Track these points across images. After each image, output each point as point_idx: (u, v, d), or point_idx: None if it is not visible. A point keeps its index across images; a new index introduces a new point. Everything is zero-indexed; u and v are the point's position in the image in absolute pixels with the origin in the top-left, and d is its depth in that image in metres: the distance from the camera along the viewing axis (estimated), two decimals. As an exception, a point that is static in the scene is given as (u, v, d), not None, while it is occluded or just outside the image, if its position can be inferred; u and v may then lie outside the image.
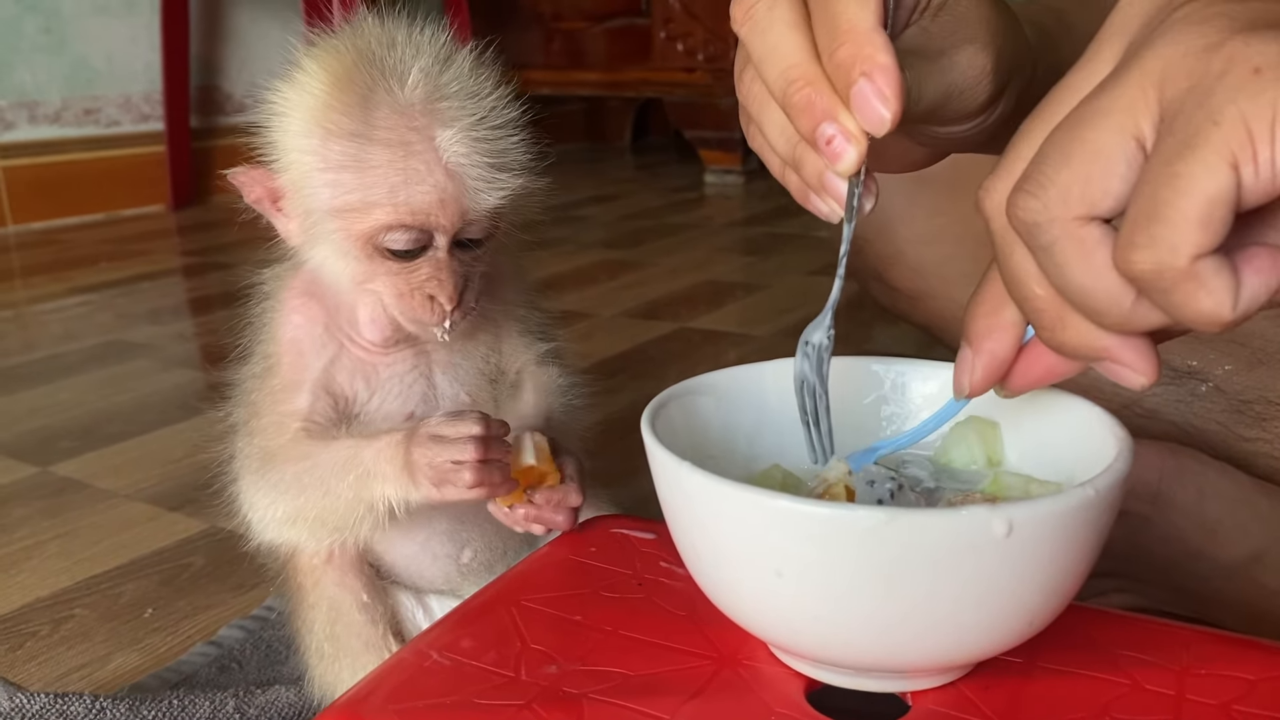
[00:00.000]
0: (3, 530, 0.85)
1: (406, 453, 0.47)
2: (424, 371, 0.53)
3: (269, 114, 0.49)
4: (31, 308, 1.60)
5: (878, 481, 0.37)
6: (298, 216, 0.50)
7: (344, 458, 0.49)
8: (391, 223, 0.47)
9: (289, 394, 0.51)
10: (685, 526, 0.36)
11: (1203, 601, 0.63)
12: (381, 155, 0.46)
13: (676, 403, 0.42)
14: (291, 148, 0.48)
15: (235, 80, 2.52)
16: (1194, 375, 0.65)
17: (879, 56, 0.33)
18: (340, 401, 0.52)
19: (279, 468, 0.50)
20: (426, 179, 0.46)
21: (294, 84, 0.48)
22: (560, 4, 2.84)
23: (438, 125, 0.46)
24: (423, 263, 0.48)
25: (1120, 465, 0.33)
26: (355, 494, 0.48)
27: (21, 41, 2.14)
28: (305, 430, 0.50)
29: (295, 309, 0.52)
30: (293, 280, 0.53)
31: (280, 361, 0.52)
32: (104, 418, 1.09)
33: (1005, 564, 0.31)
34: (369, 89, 0.46)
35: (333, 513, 0.49)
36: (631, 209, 2.32)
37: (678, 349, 1.30)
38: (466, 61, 0.49)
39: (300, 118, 0.48)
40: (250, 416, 0.52)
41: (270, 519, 0.51)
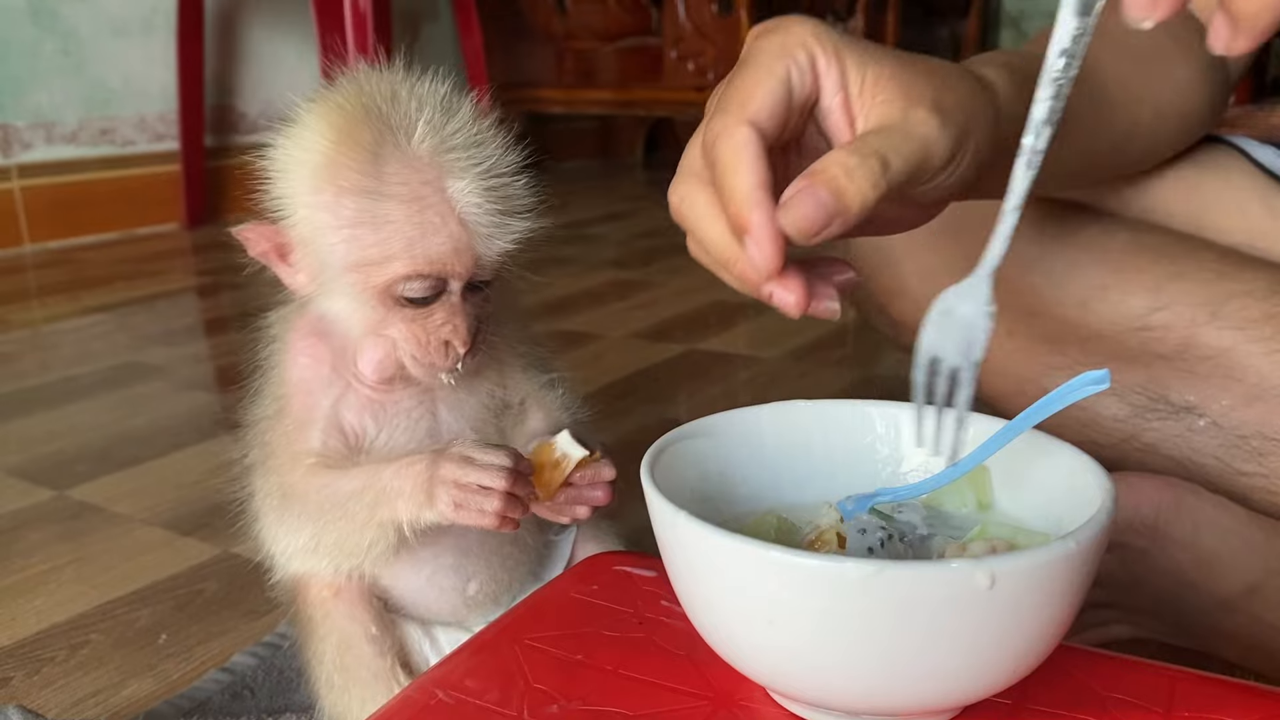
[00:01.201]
0: (20, 555, 0.86)
1: (431, 469, 0.49)
2: (429, 408, 0.54)
3: (274, 169, 0.50)
4: (47, 327, 1.62)
5: (869, 530, 0.38)
6: (308, 269, 0.51)
7: (362, 480, 0.50)
8: (409, 274, 0.48)
9: (301, 432, 0.52)
10: (682, 572, 0.37)
11: (1201, 633, 0.63)
12: (397, 210, 0.47)
13: (675, 447, 0.43)
14: (301, 204, 0.49)
15: (249, 100, 2.54)
16: (1191, 410, 0.66)
17: (752, 216, 0.39)
18: (350, 438, 0.53)
19: (298, 499, 0.52)
20: (442, 230, 0.48)
21: (298, 140, 0.49)
22: (572, 24, 2.86)
23: (448, 177, 0.48)
24: (437, 308, 0.50)
25: (1102, 517, 0.34)
26: (371, 514, 0.50)
27: (40, 63, 2.17)
28: (320, 464, 0.52)
29: (302, 350, 0.53)
30: (298, 322, 0.54)
31: (291, 402, 0.53)
32: (119, 441, 1.11)
33: (990, 614, 0.32)
34: (377, 144, 0.48)
35: (350, 536, 0.51)
36: (642, 227, 2.34)
37: (687, 371, 1.31)
38: (469, 110, 0.50)
39: (308, 174, 0.49)
40: (266, 456, 0.54)
41: (293, 550, 0.53)
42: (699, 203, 0.43)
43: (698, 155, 0.43)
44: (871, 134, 0.41)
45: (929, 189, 0.44)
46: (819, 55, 0.43)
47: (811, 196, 0.39)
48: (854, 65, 0.43)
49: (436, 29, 2.95)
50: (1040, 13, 3.93)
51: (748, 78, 0.43)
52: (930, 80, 0.43)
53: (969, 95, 0.45)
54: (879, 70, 0.43)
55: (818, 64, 0.43)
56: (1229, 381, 0.65)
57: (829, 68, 0.43)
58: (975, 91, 0.46)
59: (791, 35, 0.43)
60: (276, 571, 0.56)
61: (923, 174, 0.42)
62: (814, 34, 0.43)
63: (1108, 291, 0.70)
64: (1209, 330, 0.66)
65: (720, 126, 0.42)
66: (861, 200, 0.39)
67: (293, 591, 0.56)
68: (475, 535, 0.55)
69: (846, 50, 0.43)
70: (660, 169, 3.30)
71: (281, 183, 0.50)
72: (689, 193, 0.43)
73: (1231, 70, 0.71)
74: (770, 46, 0.43)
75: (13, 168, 2.15)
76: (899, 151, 0.40)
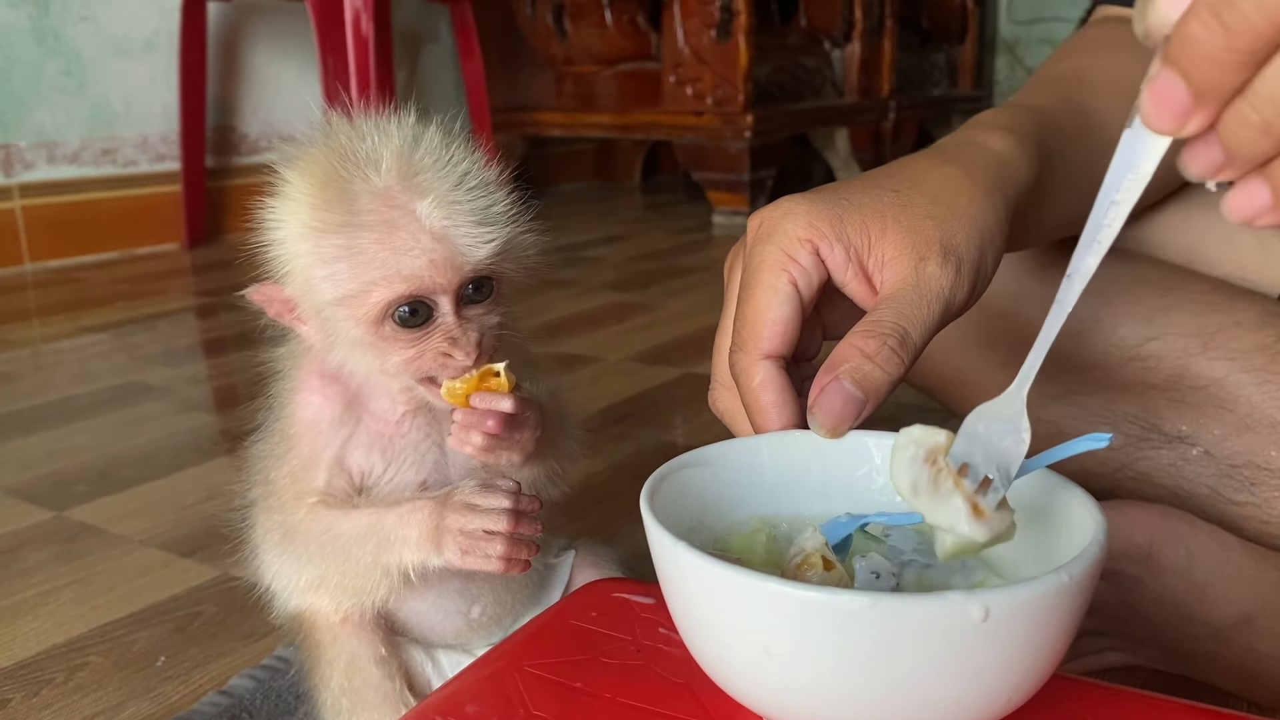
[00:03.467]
0: (19, 576, 0.86)
1: (436, 518, 0.50)
2: (436, 440, 0.55)
3: (266, 229, 0.52)
4: (47, 346, 1.62)
5: (882, 575, 0.39)
6: (311, 319, 0.52)
7: (365, 525, 0.51)
8: (391, 298, 0.48)
9: (307, 472, 0.53)
10: (680, 601, 0.38)
11: (1195, 662, 0.64)
12: (368, 239, 0.48)
13: (675, 476, 0.43)
14: (291, 255, 0.50)
15: (251, 121, 2.56)
16: (1184, 440, 0.67)
17: (750, 379, 0.45)
18: (356, 476, 0.54)
19: (300, 539, 0.52)
20: (414, 248, 0.48)
21: (281, 197, 0.51)
22: (572, 48, 2.88)
23: (416, 198, 0.49)
24: (434, 329, 0.50)
25: (1095, 550, 0.35)
26: (375, 559, 0.51)
27: (43, 84, 2.19)
28: (323, 504, 0.52)
29: (313, 389, 0.54)
30: (309, 362, 0.55)
31: (298, 441, 0.54)
32: (119, 462, 1.11)
33: (983, 646, 0.33)
34: (347, 181, 0.49)
35: (353, 578, 0.52)
36: (640, 250, 2.35)
37: (684, 395, 1.32)
38: (437, 135, 0.51)
39: (292, 226, 0.50)
40: (269, 494, 0.54)
41: (294, 587, 0.54)
42: (738, 416, 0.48)
43: (726, 368, 0.47)
44: (885, 306, 0.43)
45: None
46: (820, 243, 0.45)
47: (838, 393, 0.41)
48: (857, 234, 0.45)
49: (437, 51, 2.97)
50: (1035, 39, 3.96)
51: (757, 302, 0.45)
52: (934, 218, 0.44)
53: (979, 213, 0.46)
54: (881, 227, 0.45)
55: (821, 251, 0.45)
56: (1221, 411, 0.66)
57: (833, 250, 0.45)
58: (984, 199, 0.47)
59: (788, 237, 0.45)
60: (275, 604, 0.56)
61: (945, 323, 0.44)
62: (809, 224, 0.45)
63: (1100, 322, 0.71)
64: (1201, 360, 0.67)
65: (739, 366, 0.45)
66: (889, 380, 0.41)
67: (298, 615, 0.56)
68: None
69: (846, 222, 0.45)
70: (658, 192, 3.32)
71: (274, 241, 0.51)
72: (726, 408, 0.49)
73: None
74: (770, 259, 0.45)
75: (14, 187, 2.16)
76: (916, 319, 0.42)
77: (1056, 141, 0.55)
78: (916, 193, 0.46)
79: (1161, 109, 0.28)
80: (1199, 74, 0.26)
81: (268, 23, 2.54)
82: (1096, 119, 0.61)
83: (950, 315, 0.44)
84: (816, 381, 0.41)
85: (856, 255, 0.45)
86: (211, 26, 2.37)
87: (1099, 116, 0.61)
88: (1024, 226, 0.54)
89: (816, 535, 0.39)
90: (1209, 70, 0.26)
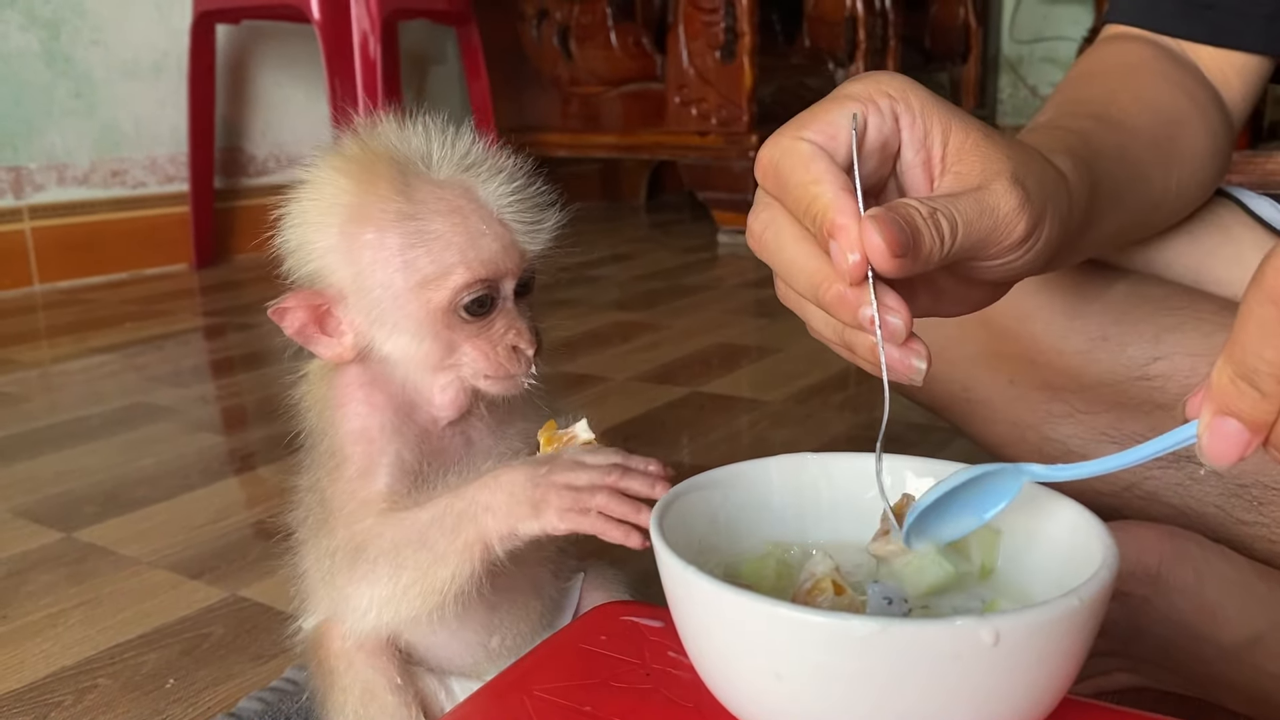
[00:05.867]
0: (28, 597, 0.87)
1: (533, 479, 0.47)
2: (472, 461, 0.54)
3: (298, 236, 0.51)
4: (55, 367, 1.63)
5: (894, 600, 0.39)
6: (357, 323, 0.51)
7: (442, 506, 0.49)
8: (469, 281, 0.49)
9: (366, 479, 0.51)
10: (690, 625, 0.38)
11: (1204, 683, 0.64)
12: (441, 225, 0.49)
13: (684, 499, 0.44)
14: (339, 257, 0.50)
15: (259, 143, 2.58)
16: (1191, 459, 0.67)
17: (837, 219, 0.38)
18: (411, 479, 0.52)
19: (372, 543, 0.50)
20: (487, 233, 0.50)
21: (318, 199, 0.51)
22: (577, 69, 2.90)
23: (477, 186, 0.50)
24: (496, 317, 0.51)
25: (1105, 574, 0.35)
26: (454, 538, 0.48)
27: (53, 106, 2.20)
28: (389, 507, 0.51)
29: (358, 400, 0.53)
30: (345, 377, 0.53)
31: (350, 453, 0.52)
32: (127, 483, 1.12)
33: (994, 670, 0.33)
34: (401, 176, 0.49)
35: (430, 570, 0.49)
36: (646, 269, 2.35)
37: (689, 415, 1.32)
38: (469, 131, 0.52)
39: (339, 225, 0.50)
40: (329, 514, 0.52)
41: (370, 602, 0.50)
42: (783, 227, 0.41)
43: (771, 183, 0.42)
44: (945, 197, 0.41)
45: (998, 266, 0.44)
46: (902, 110, 0.43)
47: (894, 220, 0.38)
48: (939, 127, 0.43)
49: (444, 73, 2.99)
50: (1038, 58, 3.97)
51: (817, 108, 0.42)
52: (1012, 157, 0.43)
53: (1049, 180, 0.46)
54: (964, 137, 0.43)
55: (901, 117, 0.43)
56: (1229, 431, 0.66)
57: (913, 124, 0.43)
58: (1055, 178, 0.47)
59: (878, 85, 0.43)
60: (296, 622, 0.56)
61: (990, 247, 0.42)
62: (901, 88, 0.43)
63: (1108, 341, 0.71)
64: (1208, 380, 0.67)
65: (777, 149, 0.41)
66: (930, 246, 0.39)
67: (313, 642, 0.56)
68: (504, 590, 0.55)
69: (933, 111, 0.43)
70: (663, 211, 3.32)
71: (310, 245, 0.51)
72: (772, 218, 0.42)
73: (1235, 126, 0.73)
74: (853, 90, 0.43)
75: (24, 208, 2.17)
76: (969, 222, 0.40)
77: (1102, 167, 0.55)
78: (999, 136, 0.44)
79: (1223, 444, 0.33)
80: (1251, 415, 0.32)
81: (276, 45, 2.56)
82: (1130, 151, 0.61)
83: (996, 240, 0.42)
84: (872, 210, 0.38)
85: (929, 148, 0.43)
86: (220, 49, 2.39)
87: (1132, 149, 0.61)
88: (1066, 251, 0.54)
89: (827, 560, 0.39)
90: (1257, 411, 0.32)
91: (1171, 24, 0.71)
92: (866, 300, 0.39)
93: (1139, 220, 0.65)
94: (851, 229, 0.38)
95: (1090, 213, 0.53)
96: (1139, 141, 0.62)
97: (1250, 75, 0.72)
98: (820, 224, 0.39)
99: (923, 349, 0.40)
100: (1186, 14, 0.71)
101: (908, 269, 0.38)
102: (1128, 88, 0.67)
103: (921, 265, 0.39)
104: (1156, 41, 0.72)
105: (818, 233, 0.39)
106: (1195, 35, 0.71)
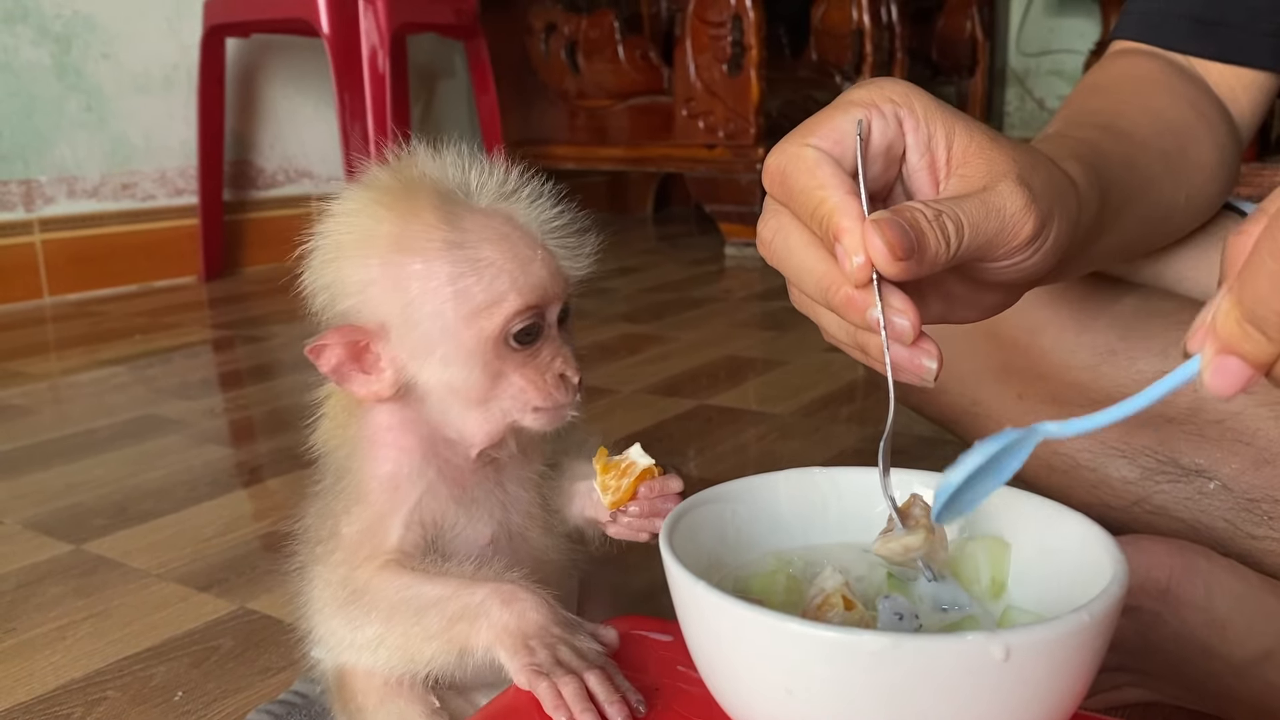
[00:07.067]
0: (38, 609, 0.87)
1: (538, 626, 0.47)
2: (500, 493, 0.54)
3: (334, 272, 0.50)
4: (65, 380, 1.63)
5: (905, 616, 0.39)
6: (395, 361, 0.50)
7: (451, 590, 0.49)
8: (520, 308, 0.49)
9: (381, 527, 0.51)
10: (699, 640, 0.38)
11: (1214, 698, 0.63)
12: (491, 252, 0.49)
13: (693, 513, 0.44)
14: (383, 288, 0.49)
15: (267, 156, 2.59)
16: (1201, 473, 0.67)
17: (842, 222, 0.38)
18: (430, 529, 0.52)
19: (370, 598, 0.50)
20: (534, 259, 0.50)
21: (354, 234, 0.50)
22: (585, 83, 2.91)
23: (518, 213, 0.50)
24: (542, 345, 0.51)
25: (1115, 590, 0.35)
26: (447, 627, 0.48)
27: (64, 119, 2.22)
28: (396, 562, 0.50)
29: (389, 443, 0.52)
30: (375, 416, 0.52)
31: (372, 497, 0.51)
32: (136, 495, 1.12)
33: (1005, 686, 0.33)
34: (442, 207, 0.49)
35: (415, 643, 0.49)
36: (653, 281, 2.36)
37: (696, 428, 1.32)
38: (498, 161, 0.52)
39: (380, 257, 0.49)
40: (334, 550, 0.52)
41: (350, 643, 0.51)
42: (791, 233, 0.42)
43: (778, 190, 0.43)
44: (950, 199, 0.41)
45: (1007, 268, 0.44)
46: (906, 115, 0.43)
47: (898, 223, 0.38)
48: (942, 131, 0.43)
49: (452, 86, 3.01)
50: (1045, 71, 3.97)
51: (822, 115, 0.43)
52: (1018, 159, 0.43)
53: (1056, 181, 0.46)
54: (968, 141, 0.43)
55: (905, 122, 0.43)
56: (1238, 445, 0.66)
57: (917, 128, 0.43)
58: (1062, 180, 0.47)
59: (882, 91, 0.43)
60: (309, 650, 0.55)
61: (997, 247, 0.42)
62: (905, 93, 0.43)
63: (1116, 356, 0.71)
64: (1217, 394, 0.67)
65: (784, 156, 0.41)
66: (936, 247, 0.39)
67: (337, 676, 0.55)
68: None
69: (937, 115, 0.43)
70: (670, 224, 3.33)
71: (346, 280, 0.50)
72: (780, 224, 0.43)
73: (1243, 141, 0.73)
74: (857, 96, 0.43)
75: (34, 221, 2.18)
76: (974, 224, 0.40)
77: (1111, 176, 0.55)
78: (1005, 139, 0.44)
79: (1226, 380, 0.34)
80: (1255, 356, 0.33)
81: (285, 59, 2.57)
82: (1139, 161, 0.61)
83: (1003, 241, 0.42)
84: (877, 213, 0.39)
85: (933, 151, 0.43)
86: (230, 62, 2.40)
87: (1140, 159, 0.61)
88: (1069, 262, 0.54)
89: (836, 575, 0.39)
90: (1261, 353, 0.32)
91: (1179, 41, 0.71)
92: (874, 302, 0.39)
93: (1150, 231, 0.65)
94: (856, 231, 0.38)
95: (1100, 219, 0.53)
96: (1147, 152, 0.62)
97: (1258, 91, 0.72)
98: (826, 227, 0.40)
99: (933, 348, 0.40)
100: (1194, 31, 0.71)
101: (913, 271, 0.39)
102: (1135, 100, 0.67)
103: (928, 267, 0.39)
104: (1164, 57, 0.72)
105: (824, 236, 0.40)
106: (1203, 52, 0.71)
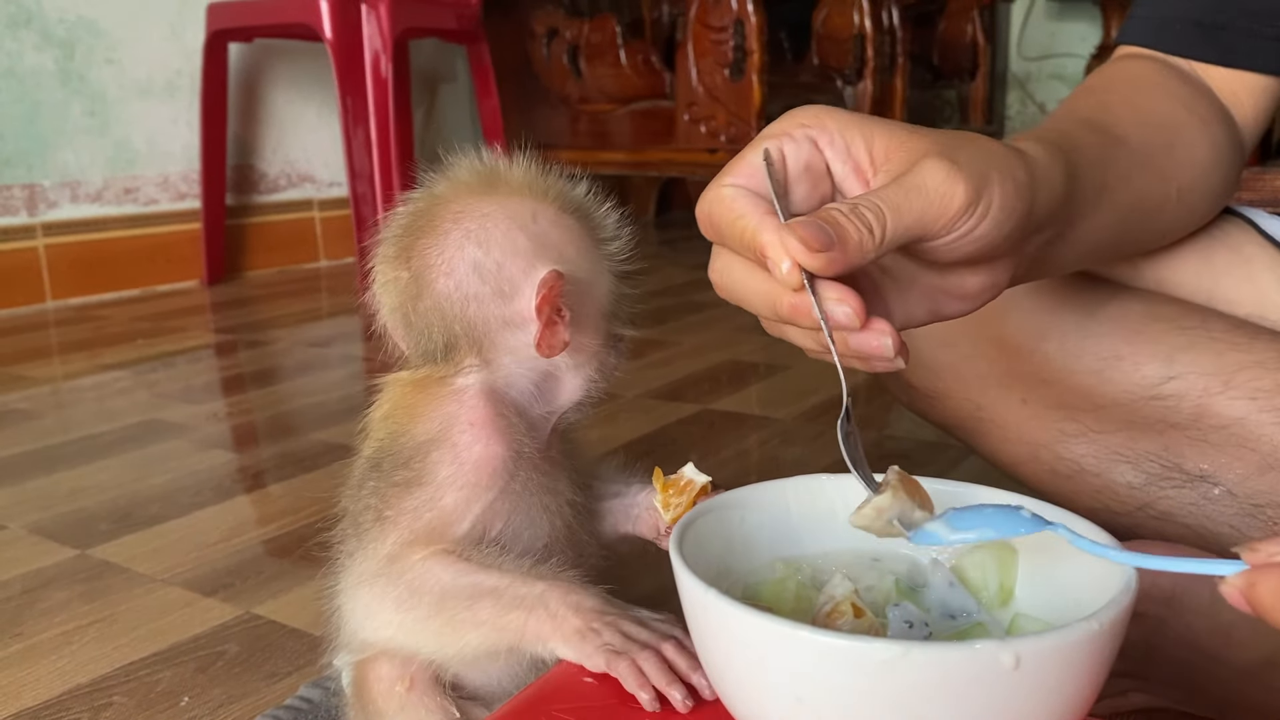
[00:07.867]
0: (43, 614, 0.87)
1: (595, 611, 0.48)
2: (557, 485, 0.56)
3: (497, 270, 0.55)
4: (68, 384, 1.64)
5: (915, 624, 0.39)
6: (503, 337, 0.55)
7: (507, 582, 0.49)
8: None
9: (447, 519, 0.51)
10: (709, 648, 0.38)
11: (1220, 703, 0.63)
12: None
13: (701, 520, 0.44)
14: (517, 265, 0.55)
15: (270, 160, 2.59)
16: (1206, 479, 0.67)
17: (761, 237, 0.41)
18: (494, 523, 0.53)
19: (421, 580, 0.50)
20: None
21: (490, 230, 0.55)
22: (587, 87, 2.91)
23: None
24: None
25: (1124, 598, 0.35)
26: (503, 615, 0.49)
27: (67, 124, 2.22)
28: (446, 551, 0.51)
29: (476, 439, 0.52)
30: (472, 396, 0.54)
31: (450, 483, 0.52)
32: (141, 500, 1.12)
33: (1015, 694, 0.33)
34: (567, 204, 0.59)
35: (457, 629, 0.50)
36: (656, 286, 2.36)
37: (700, 432, 1.32)
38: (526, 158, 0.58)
39: (519, 251, 0.55)
40: (388, 527, 0.52)
41: (385, 621, 0.51)
42: (733, 266, 0.45)
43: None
44: (869, 191, 0.43)
45: (958, 240, 0.44)
46: (818, 133, 0.46)
47: (810, 221, 0.40)
48: (860, 137, 0.45)
49: (455, 91, 3.01)
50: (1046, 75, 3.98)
51: (737, 156, 0.46)
52: (939, 141, 0.45)
53: (990, 153, 0.47)
54: (888, 139, 0.45)
55: (818, 140, 0.46)
56: (1243, 451, 0.66)
57: (831, 141, 0.46)
58: (999, 149, 0.48)
59: (793, 119, 0.46)
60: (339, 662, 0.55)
61: (934, 222, 0.43)
62: (815, 115, 0.46)
63: (1121, 361, 0.71)
64: (1221, 400, 0.67)
65: (707, 200, 0.45)
66: (858, 236, 0.41)
67: (356, 684, 0.55)
68: None
69: (853, 125, 0.46)
70: (673, 228, 3.33)
71: (505, 280, 0.55)
72: (724, 263, 0.46)
73: (1246, 145, 0.73)
74: (769, 130, 0.46)
75: (37, 226, 2.19)
76: (895, 206, 0.42)
77: (1082, 159, 0.56)
78: (931, 131, 0.46)
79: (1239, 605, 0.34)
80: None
81: (288, 63, 2.58)
82: (1117, 150, 0.61)
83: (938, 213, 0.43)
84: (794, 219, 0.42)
85: (854, 158, 0.46)
86: (232, 67, 2.41)
87: (1117, 150, 0.61)
88: (1052, 249, 0.54)
89: (845, 583, 0.39)
90: None
91: (1182, 45, 0.71)
92: (798, 285, 0.41)
93: (1140, 223, 0.65)
94: (776, 241, 0.41)
95: (1073, 200, 0.53)
96: (1127, 143, 0.62)
97: (1262, 95, 0.72)
98: (753, 249, 0.42)
99: (885, 327, 0.42)
100: (1197, 35, 0.71)
101: (840, 262, 0.40)
102: (1122, 98, 0.67)
103: (857, 254, 0.41)
104: (1166, 62, 0.72)
105: (756, 259, 0.42)
106: (1206, 56, 0.71)
